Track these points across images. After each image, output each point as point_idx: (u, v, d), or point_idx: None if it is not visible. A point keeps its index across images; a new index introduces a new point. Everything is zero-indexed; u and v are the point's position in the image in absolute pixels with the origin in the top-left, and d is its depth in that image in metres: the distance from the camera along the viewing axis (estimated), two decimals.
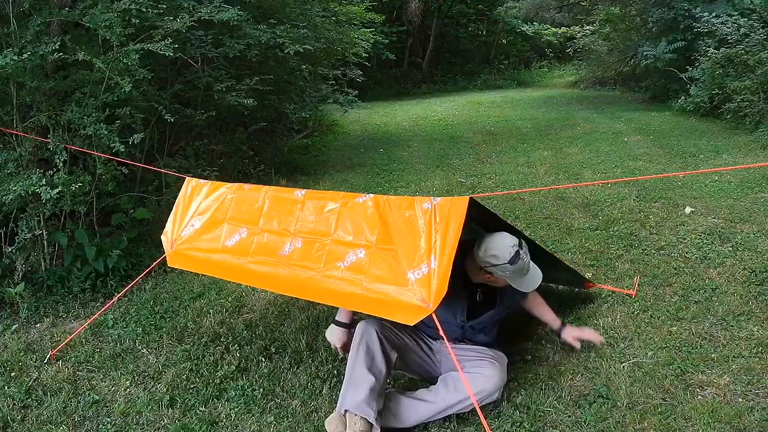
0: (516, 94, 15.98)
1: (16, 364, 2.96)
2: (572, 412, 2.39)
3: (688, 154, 6.91)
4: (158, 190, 4.92)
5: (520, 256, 2.36)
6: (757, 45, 8.21)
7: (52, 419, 2.52)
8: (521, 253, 2.37)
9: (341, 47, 8.80)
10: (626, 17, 14.26)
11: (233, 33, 5.51)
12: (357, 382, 2.27)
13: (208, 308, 3.53)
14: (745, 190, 5.18)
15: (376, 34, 12.35)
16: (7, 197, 3.41)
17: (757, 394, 2.43)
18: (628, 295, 3.35)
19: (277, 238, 2.44)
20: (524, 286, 2.46)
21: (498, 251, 2.36)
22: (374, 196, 2.26)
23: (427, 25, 18.96)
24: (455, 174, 6.81)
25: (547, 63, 21.55)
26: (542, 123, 10.23)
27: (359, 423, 2.20)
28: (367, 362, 2.31)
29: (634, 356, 2.75)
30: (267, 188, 2.63)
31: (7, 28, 3.58)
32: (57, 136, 3.68)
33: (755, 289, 3.33)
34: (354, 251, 2.21)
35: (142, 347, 3.11)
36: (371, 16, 11.76)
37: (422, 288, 2.00)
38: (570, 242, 4.24)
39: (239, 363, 2.87)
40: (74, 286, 3.79)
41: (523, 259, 2.37)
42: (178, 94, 5.32)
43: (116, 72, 3.62)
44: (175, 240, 2.77)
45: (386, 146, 8.95)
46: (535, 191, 5.59)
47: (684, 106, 9.45)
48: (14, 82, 3.58)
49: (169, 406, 2.57)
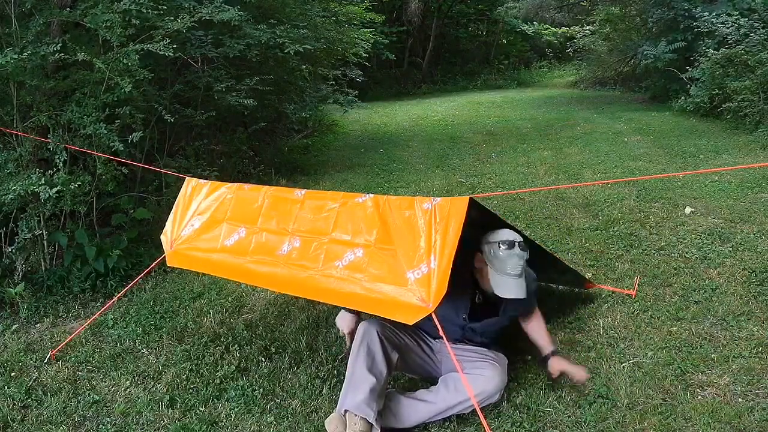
0: (516, 94, 15.98)
1: (16, 364, 2.96)
2: (572, 412, 2.39)
3: (688, 154, 6.91)
4: (158, 190, 4.93)
5: (516, 248, 2.33)
6: (757, 45, 8.21)
7: (52, 419, 2.52)
8: (518, 247, 2.33)
9: (341, 47, 8.80)
10: (626, 17, 14.27)
11: (233, 33, 5.51)
12: (357, 382, 2.27)
13: (208, 308, 3.53)
14: (745, 190, 5.18)
15: (376, 34, 12.34)
16: (7, 197, 3.41)
17: (757, 394, 2.43)
18: (628, 295, 3.35)
19: (275, 237, 2.45)
20: (501, 287, 2.34)
21: (501, 234, 2.38)
22: (374, 196, 2.26)
23: (427, 25, 18.96)
24: (455, 174, 6.81)
25: (547, 63, 21.54)
26: (542, 123, 10.23)
27: (359, 423, 2.20)
28: (368, 363, 2.31)
29: (634, 356, 2.75)
30: (267, 188, 2.63)
31: (8, 28, 3.58)
32: (57, 136, 3.68)
33: (755, 289, 3.33)
34: (352, 250, 2.21)
35: (142, 347, 3.11)
36: (371, 16, 11.76)
37: (422, 288, 2.01)
38: (570, 242, 4.24)
39: (239, 363, 2.87)
40: (74, 286, 3.79)
41: (516, 253, 2.32)
42: (178, 94, 5.32)
43: (116, 72, 3.62)
44: (174, 240, 2.78)
45: (386, 146, 8.95)
46: (535, 191, 5.59)
47: (684, 106, 9.46)
48: (14, 81, 3.59)
49: (169, 406, 2.57)
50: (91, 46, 3.76)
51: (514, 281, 2.32)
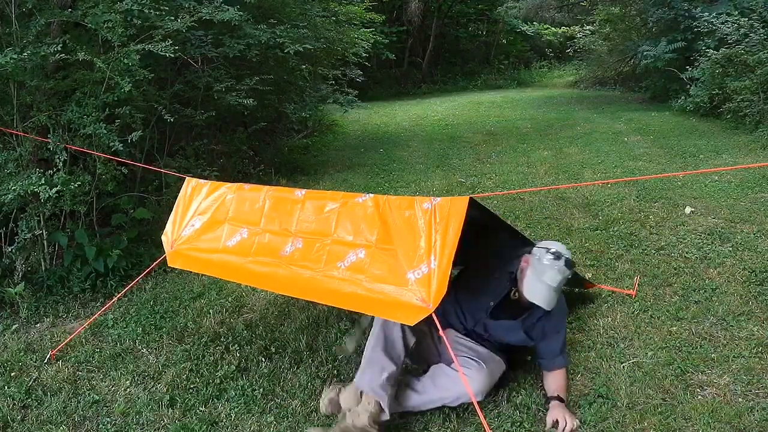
0: (516, 94, 15.98)
1: (16, 364, 2.96)
2: (572, 412, 2.39)
3: (688, 154, 6.91)
4: (158, 190, 4.93)
5: (561, 261, 2.35)
6: (757, 45, 8.20)
7: (52, 419, 2.52)
8: (564, 263, 2.35)
9: (341, 47, 8.80)
10: (626, 17, 14.26)
11: (233, 33, 5.51)
12: (376, 364, 2.32)
13: (208, 308, 3.53)
14: (745, 190, 5.18)
15: (376, 34, 12.34)
16: (7, 197, 3.41)
17: (757, 394, 2.43)
18: (628, 295, 3.35)
19: (278, 238, 2.45)
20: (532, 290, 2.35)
21: (554, 244, 2.43)
22: (374, 196, 2.26)
23: (427, 25, 18.96)
24: (455, 174, 6.81)
25: (547, 63, 21.54)
26: (542, 123, 10.23)
27: (372, 404, 2.25)
28: (387, 346, 2.35)
29: (634, 356, 2.75)
30: (267, 188, 2.63)
31: (8, 28, 3.58)
32: (57, 136, 3.68)
33: (755, 289, 3.33)
34: (354, 251, 2.21)
35: (142, 347, 3.11)
36: (371, 16, 11.76)
37: (422, 288, 2.01)
38: (570, 242, 4.24)
39: (239, 363, 2.87)
40: (74, 286, 3.79)
41: (559, 267, 2.34)
42: (178, 94, 5.32)
43: (116, 72, 3.62)
44: (175, 240, 2.78)
45: (386, 146, 8.95)
46: (535, 191, 5.59)
47: (684, 106, 9.45)
48: (14, 81, 3.59)
49: (169, 406, 2.57)
50: (91, 46, 3.76)
51: (546, 290, 2.34)
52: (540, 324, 2.50)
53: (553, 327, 2.50)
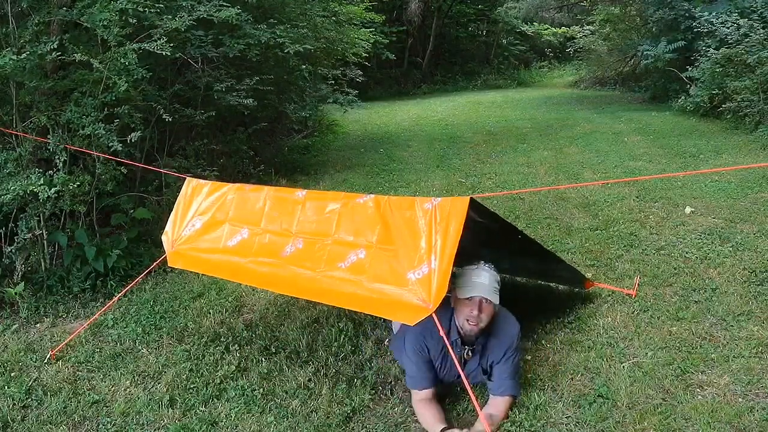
0: (516, 94, 15.98)
1: (16, 364, 2.96)
2: (572, 412, 2.39)
3: (688, 154, 6.91)
4: (158, 190, 4.92)
5: (481, 264, 2.42)
6: (757, 45, 8.20)
7: (52, 419, 2.52)
8: (483, 264, 2.42)
9: (341, 47, 8.80)
10: (626, 17, 14.27)
11: (233, 33, 5.51)
12: None
13: (208, 308, 3.53)
14: (745, 190, 5.18)
15: (376, 34, 12.34)
16: (7, 197, 3.41)
17: (757, 394, 2.43)
18: (628, 295, 3.35)
19: (278, 238, 2.45)
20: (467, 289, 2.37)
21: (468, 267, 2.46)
22: (375, 197, 2.26)
23: (427, 25, 18.96)
24: (455, 174, 6.81)
25: (547, 63, 21.57)
26: (542, 123, 10.23)
27: None
28: None
29: (634, 356, 2.75)
30: (268, 189, 2.63)
31: (6, 27, 3.57)
32: (57, 136, 3.68)
33: (755, 289, 3.33)
34: (355, 251, 2.21)
35: (142, 347, 3.11)
36: (371, 16, 11.75)
37: (422, 288, 2.01)
38: (570, 242, 4.24)
39: (239, 363, 2.87)
40: (74, 286, 3.79)
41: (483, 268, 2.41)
42: (177, 94, 5.31)
43: (114, 72, 3.62)
44: (175, 240, 2.78)
45: (386, 146, 8.95)
46: (535, 191, 5.59)
47: (684, 106, 9.46)
48: (14, 82, 3.58)
49: (169, 406, 2.57)
50: (90, 45, 3.76)
51: (480, 283, 2.36)
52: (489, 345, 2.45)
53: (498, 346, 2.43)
